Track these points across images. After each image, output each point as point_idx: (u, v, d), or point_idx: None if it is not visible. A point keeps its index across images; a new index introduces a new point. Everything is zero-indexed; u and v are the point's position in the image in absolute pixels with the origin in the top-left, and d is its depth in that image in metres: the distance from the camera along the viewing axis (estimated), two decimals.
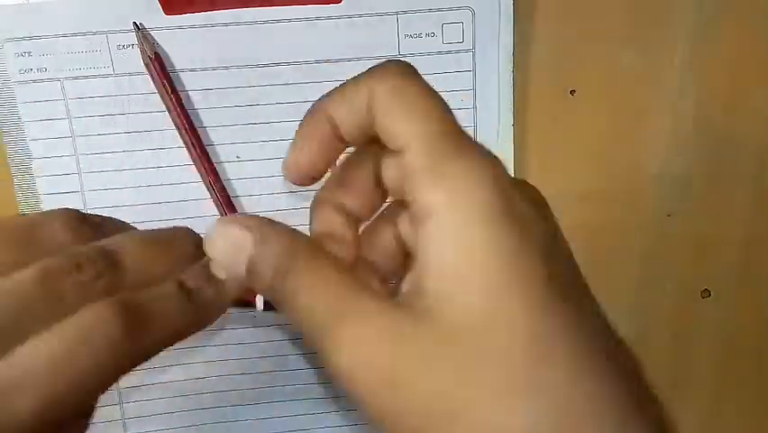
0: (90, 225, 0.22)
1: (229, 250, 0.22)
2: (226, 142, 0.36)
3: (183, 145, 0.35)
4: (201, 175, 0.35)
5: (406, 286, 0.22)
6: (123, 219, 0.32)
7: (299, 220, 0.37)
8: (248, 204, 0.36)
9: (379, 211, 0.25)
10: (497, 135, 0.36)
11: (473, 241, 0.19)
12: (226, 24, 0.34)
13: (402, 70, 0.21)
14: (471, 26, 0.35)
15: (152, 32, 0.34)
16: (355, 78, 0.22)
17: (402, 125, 0.20)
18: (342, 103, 0.22)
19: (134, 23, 0.33)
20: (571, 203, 0.38)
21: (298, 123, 0.35)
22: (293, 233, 0.22)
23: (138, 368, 0.35)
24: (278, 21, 0.34)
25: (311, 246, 0.22)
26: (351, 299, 0.21)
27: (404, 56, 0.35)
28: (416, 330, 0.19)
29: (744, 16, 0.36)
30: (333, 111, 0.22)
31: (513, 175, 0.37)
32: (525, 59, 0.36)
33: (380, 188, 0.24)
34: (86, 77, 0.34)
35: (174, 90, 0.34)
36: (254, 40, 0.34)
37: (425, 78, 0.37)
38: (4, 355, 0.18)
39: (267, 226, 0.22)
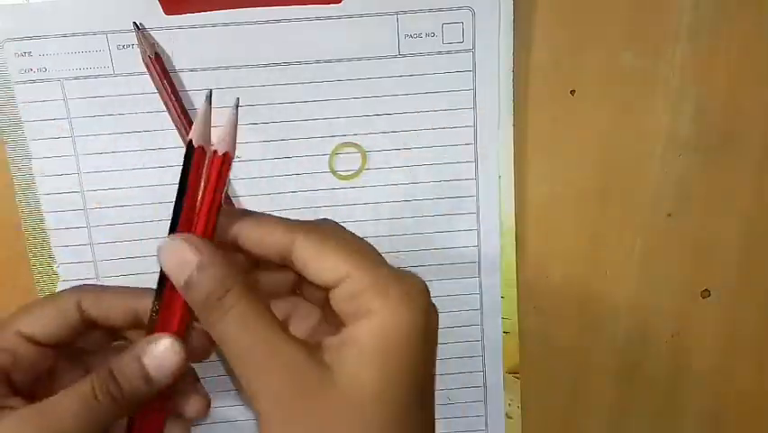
0: None
1: (175, 264, 0.26)
2: None
3: (183, 145, 0.35)
4: None
5: (329, 342, 0.26)
6: (123, 218, 0.34)
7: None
8: (248, 204, 0.36)
9: None
10: (497, 135, 0.36)
11: (395, 349, 0.25)
12: (226, 24, 0.34)
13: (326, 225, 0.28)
14: (471, 26, 0.35)
15: (152, 32, 0.34)
16: (281, 222, 0.28)
17: (338, 264, 0.26)
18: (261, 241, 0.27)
19: (134, 23, 0.33)
20: (571, 203, 0.38)
21: (298, 123, 0.36)
22: (231, 268, 0.26)
23: None
24: (278, 21, 0.34)
25: (244, 285, 0.26)
26: (271, 346, 0.25)
27: (404, 56, 0.35)
28: (318, 396, 0.25)
29: (743, 16, 0.36)
30: (248, 234, 0.27)
31: (513, 175, 0.37)
32: (525, 59, 0.36)
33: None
34: (86, 77, 0.34)
35: (174, 90, 0.34)
36: (254, 40, 0.34)
37: (424, 78, 0.37)
38: None
39: (211, 253, 0.26)
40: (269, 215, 0.28)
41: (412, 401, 0.26)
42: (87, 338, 0.32)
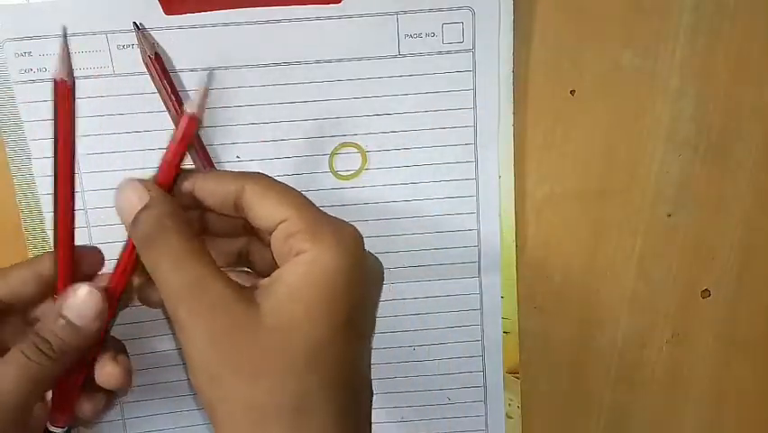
0: None
1: (125, 203, 0.27)
2: (226, 142, 0.36)
3: None
4: None
5: (262, 282, 0.27)
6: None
7: None
8: None
9: None
10: (497, 135, 0.36)
11: (320, 286, 0.26)
12: (226, 24, 0.34)
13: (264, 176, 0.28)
14: (471, 26, 0.35)
15: (152, 32, 0.34)
16: (232, 173, 0.29)
17: (278, 207, 0.27)
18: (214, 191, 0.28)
19: (134, 23, 0.33)
20: (572, 203, 0.38)
21: (298, 123, 0.36)
22: (172, 208, 0.27)
23: (138, 367, 0.37)
24: (278, 21, 0.34)
25: (181, 225, 0.27)
26: (202, 285, 0.26)
27: (404, 56, 0.35)
28: (246, 333, 0.25)
29: (743, 16, 0.36)
30: (202, 185, 0.28)
31: (513, 175, 0.37)
32: (525, 59, 0.36)
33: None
34: (87, 77, 0.34)
35: (174, 90, 0.34)
36: (254, 40, 0.34)
37: (424, 78, 0.37)
38: None
39: (158, 195, 0.27)
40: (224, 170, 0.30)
41: (333, 339, 0.26)
42: (6, 329, 0.32)
